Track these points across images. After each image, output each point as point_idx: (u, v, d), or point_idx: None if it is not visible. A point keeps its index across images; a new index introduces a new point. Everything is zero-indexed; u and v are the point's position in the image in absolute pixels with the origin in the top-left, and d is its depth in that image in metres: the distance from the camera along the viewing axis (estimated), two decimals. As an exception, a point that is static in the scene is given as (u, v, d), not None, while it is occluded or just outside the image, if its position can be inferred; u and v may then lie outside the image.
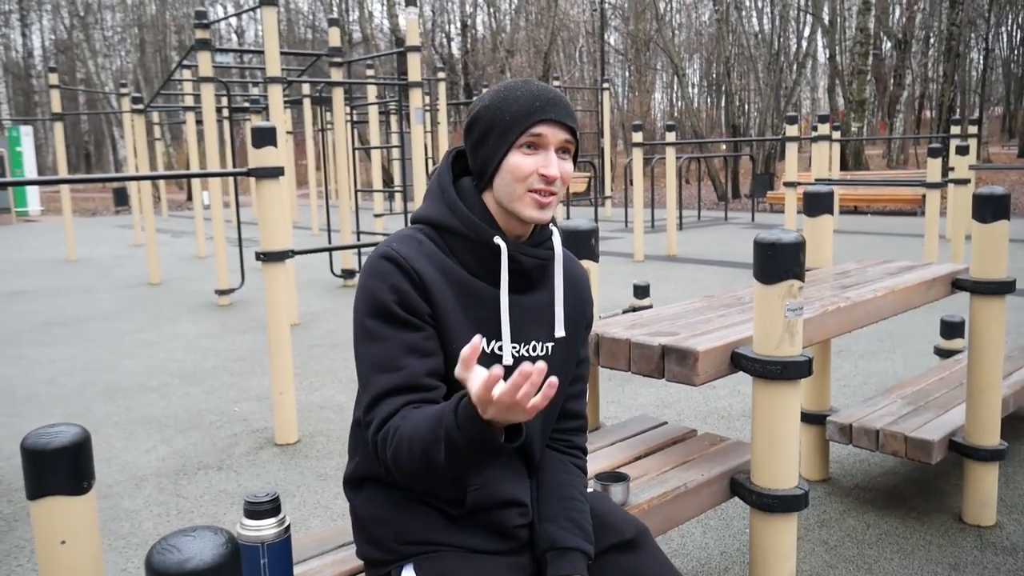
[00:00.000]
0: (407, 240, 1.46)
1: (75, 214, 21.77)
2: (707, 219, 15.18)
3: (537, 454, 1.59)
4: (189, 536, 1.11)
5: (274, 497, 1.39)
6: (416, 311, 1.40)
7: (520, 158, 1.43)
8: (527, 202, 1.43)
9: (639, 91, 33.02)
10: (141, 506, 3.51)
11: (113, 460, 4.02)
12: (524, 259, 1.47)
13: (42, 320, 7.56)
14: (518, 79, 1.49)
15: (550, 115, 1.42)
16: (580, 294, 1.62)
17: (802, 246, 1.99)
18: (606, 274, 9.05)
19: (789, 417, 2.03)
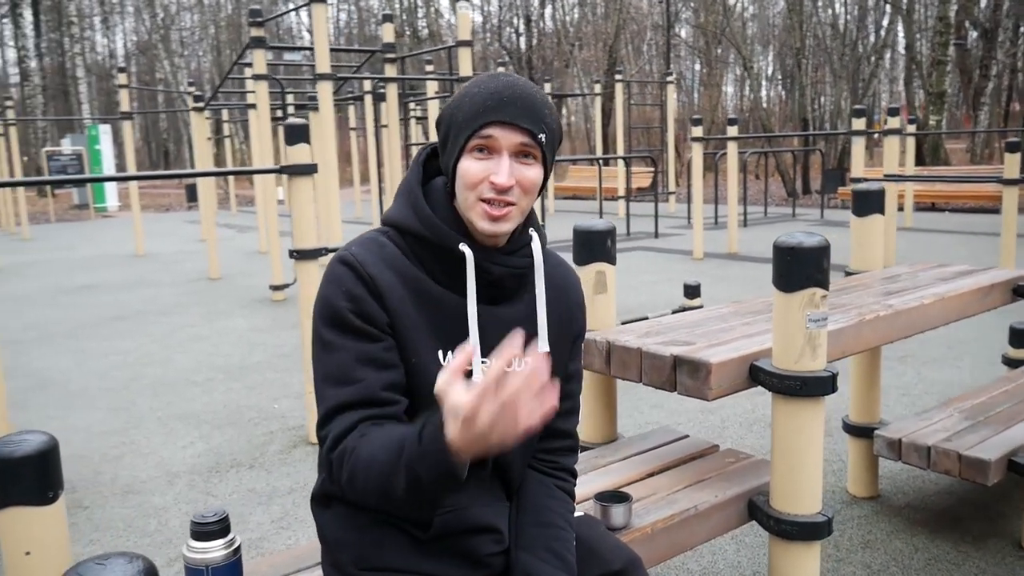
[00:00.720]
0: (368, 244, 1.36)
1: (150, 210, 22.52)
2: (774, 215, 14.75)
3: (517, 475, 1.47)
4: (100, 564, 1.04)
5: (222, 517, 1.31)
6: (372, 320, 1.30)
7: (470, 163, 1.30)
8: (478, 212, 1.31)
9: (708, 85, 32.39)
10: (171, 503, 3.51)
11: (150, 456, 4.05)
12: (494, 268, 1.35)
13: (105, 314, 7.75)
14: (488, 73, 1.37)
15: (501, 116, 1.28)
16: (568, 302, 1.49)
17: (825, 251, 1.82)
18: (661, 272, 8.85)
19: (811, 437, 1.87)
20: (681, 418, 4.28)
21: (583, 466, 2.16)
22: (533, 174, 1.32)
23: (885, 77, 28.00)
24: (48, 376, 5.59)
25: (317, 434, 1.34)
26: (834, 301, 2.52)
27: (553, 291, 1.46)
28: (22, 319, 7.65)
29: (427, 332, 1.34)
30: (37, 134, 28.81)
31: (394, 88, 8.46)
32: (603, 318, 2.31)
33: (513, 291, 1.41)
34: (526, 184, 1.31)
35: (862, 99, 22.06)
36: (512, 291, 1.41)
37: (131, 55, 40.85)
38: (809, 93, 22.60)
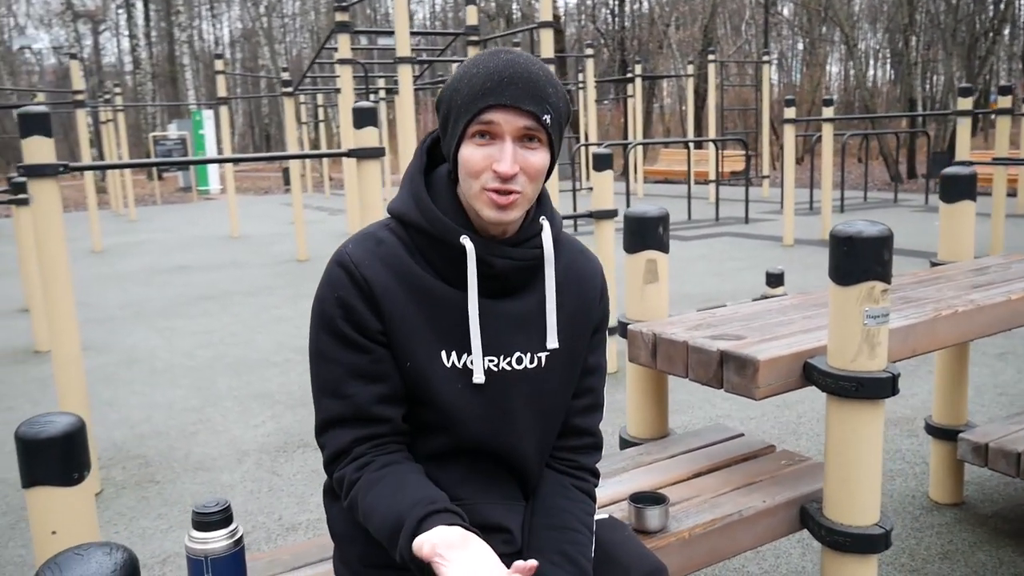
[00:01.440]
0: (365, 240, 1.30)
1: (250, 192, 23.28)
2: (874, 201, 14.10)
3: (533, 474, 1.40)
4: (78, 555, 1.02)
5: (224, 507, 1.29)
6: (364, 328, 1.26)
7: (472, 150, 1.22)
8: (484, 201, 1.23)
9: (810, 64, 31.19)
10: (237, 480, 3.59)
11: (223, 434, 4.16)
12: (498, 261, 1.27)
13: (196, 294, 8.02)
14: (488, 51, 1.27)
15: (502, 99, 1.19)
16: (585, 293, 1.40)
17: (887, 241, 1.67)
18: (749, 258, 8.56)
19: (868, 442, 1.73)
20: (754, 412, 4.11)
21: (625, 463, 2.07)
22: (539, 159, 1.23)
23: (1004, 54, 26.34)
24: (137, 353, 5.82)
25: (317, 439, 1.33)
26: (910, 294, 2.34)
27: (570, 282, 1.38)
28: (119, 297, 8.00)
29: (427, 332, 1.28)
30: (147, 119, 30.14)
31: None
32: (653, 309, 2.21)
33: (522, 284, 1.33)
34: (531, 171, 1.22)
35: (977, 78, 20.83)
36: (521, 284, 1.33)
37: (235, 42, 42.25)
38: (918, 72, 21.48)
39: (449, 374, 1.29)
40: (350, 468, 1.27)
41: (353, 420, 1.28)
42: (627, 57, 26.41)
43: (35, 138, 3.20)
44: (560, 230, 1.37)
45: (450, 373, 1.29)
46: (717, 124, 15.66)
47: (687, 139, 13.47)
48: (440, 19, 40.43)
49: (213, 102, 12.88)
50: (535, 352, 1.34)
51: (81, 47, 32.93)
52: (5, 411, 4.63)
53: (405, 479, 1.25)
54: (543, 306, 1.34)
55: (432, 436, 1.33)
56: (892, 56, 33.43)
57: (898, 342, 1.99)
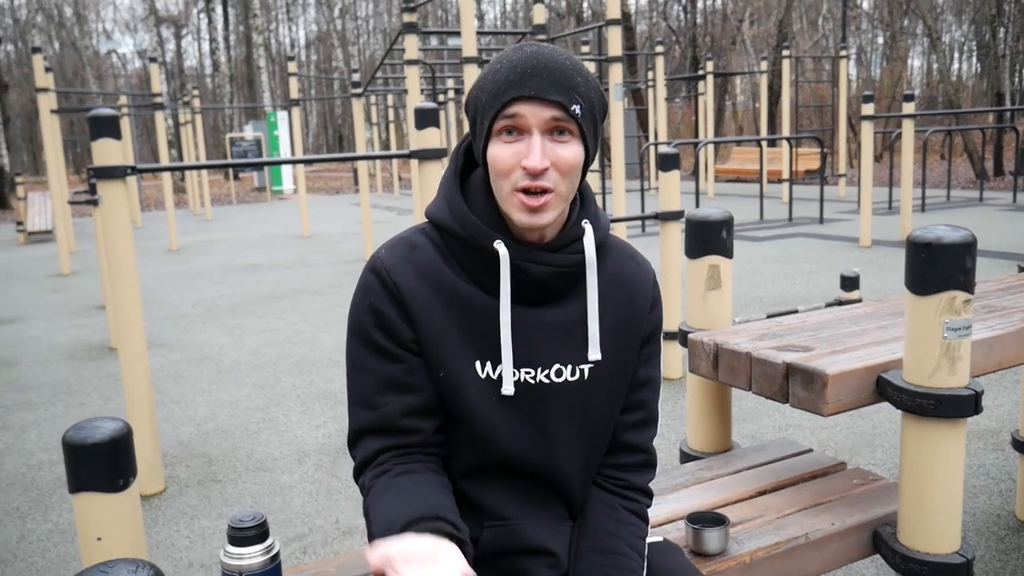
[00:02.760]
0: (399, 245, 1.25)
1: (322, 192, 23.71)
2: (958, 200, 13.52)
3: (577, 494, 1.32)
4: (103, 572, 0.99)
5: (260, 522, 1.25)
6: (396, 337, 1.21)
7: (499, 148, 1.15)
8: (514, 204, 1.16)
9: (891, 59, 30.19)
10: (296, 482, 3.60)
11: (285, 433, 4.18)
12: (535, 268, 1.20)
13: (265, 292, 8.16)
14: (513, 46, 1.20)
15: (525, 90, 1.12)
16: (634, 301, 1.30)
17: (970, 248, 1.54)
18: (822, 260, 8.29)
19: (948, 464, 1.60)
20: (825, 422, 3.94)
21: (685, 479, 1.97)
22: (570, 153, 1.15)
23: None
24: (207, 351, 5.93)
25: (348, 449, 1.29)
26: (995, 302, 2.19)
27: (616, 289, 1.29)
28: (192, 295, 8.19)
29: (461, 341, 1.22)
30: (225, 121, 30.97)
31: (544, 70, 8.34)
32: (716, 317, 2.10)
33: (563, 292, 1.25)
34: (563, 165, 1.14)
35: (1070, 70, 19.81)
36: (562, 292, 1.25)
37: (310, 44, 43.09)
38: (1006, 65, 20.54)
39: (482, 385, 1.23)
40: (370, 475, 1.23)
41: (381, 431, 1.23)
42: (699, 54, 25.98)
43: (104, 140, 3.26)
44: (606, 233, 1.29)
45: (483, 384, 1.23)
46: (791, 121, 15.25)
47: (759, 137, 13.14)
48: (511, 18, 40.48)
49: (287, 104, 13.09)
50: (577, 364, 1.26)
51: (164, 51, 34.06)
52: (78, 407, 4.77)
53: (415, 488, 1.18)
54: (585, 315, 1.26)
55: (470, 452, 1.26)
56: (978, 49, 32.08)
57: (981, 355, 1.85)
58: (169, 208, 12.37)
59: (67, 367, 5.64)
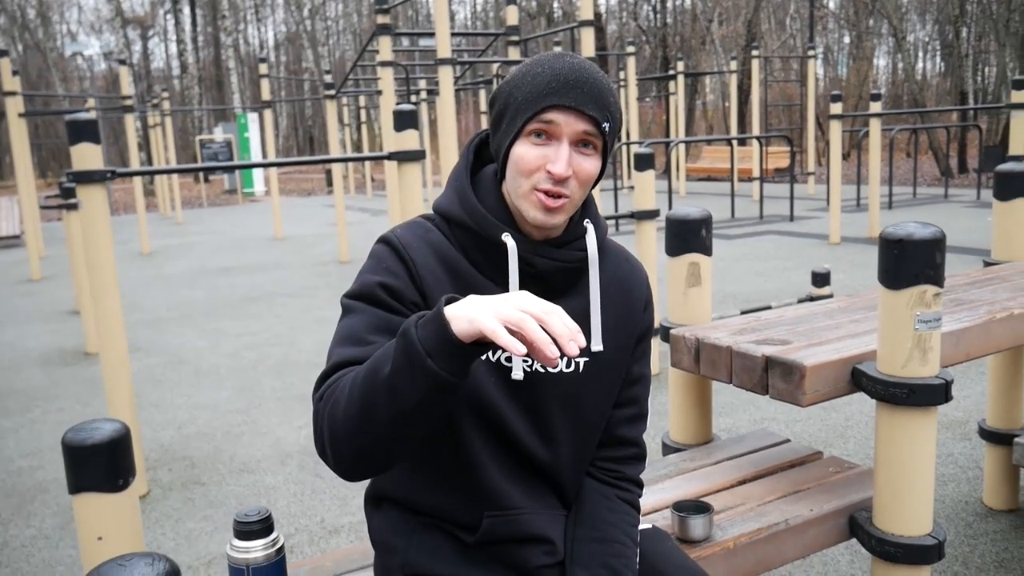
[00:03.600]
0: (414, 226, 1.30)
1: (294, 194, 23.57)
2: (924, 197, 13.78)
3: (569, 485, 1.38)
4: (121, 566, 1.03)
5: (265, 516, 1.29)
6: (400, 296, 1.23)
7: (526, 148, 1.21)
8: (532, 201, 1.22)
9: (857, 58, 30.62)
10: (281, 483, 3.62)
11: (267, 435, 4.20)
12: (541, 261, 1.26)
13: (241, 295, 8.14)
14: (551, 52, 1.26)
15: (565, 100, 1.18)
16: (630, 302, 1.37)
17: (939, 244, 1.62)
18: (793, 257, 8.43)
19: (920, 450, 1.68)
20: (799, 415, 4.03)
21: (668, 470, 2.04)
22: (591, 166, 1.22)
23: (1059, 44, 25.50)
24: (184, 354, 5.91)
25: (312, 394, 1.21)
26: (963, 296, 2.28)
27: (614, 289, 1.36)
28: (166, 299, 8.14)
29: None
30: (194, 123, 30.69)
31: (517, 71, 8.40)
32: (696, 313, 2.17)
33: (565, 287, 1.31)
34: (583, 176, 1.21)
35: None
36: (563, 287, 1.31)
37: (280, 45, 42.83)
38: (969, 64, 20.95)
39: (489, 367, 1.27)
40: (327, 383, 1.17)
41: (361, 359, 1.16)
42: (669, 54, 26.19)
43: (83, 144, 3.26)
44: (605, 235, 1.35)
45: (490, 366, 1.28)
46: (761, 121, 15.44)
47: (730, 136, 13.30)
48: (481, 19, 40.51)
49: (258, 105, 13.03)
50: (574, 357, 1.31)
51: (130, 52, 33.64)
52: (56, 412, 4.74)
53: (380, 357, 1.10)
54: (587, 310, 1.31)
55: (471, 439, 1.30)
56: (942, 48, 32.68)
57: (950, 346, 1.93)
58: (140, 211, 12.26)
59: (42, 373, 5.59)
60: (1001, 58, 20.67)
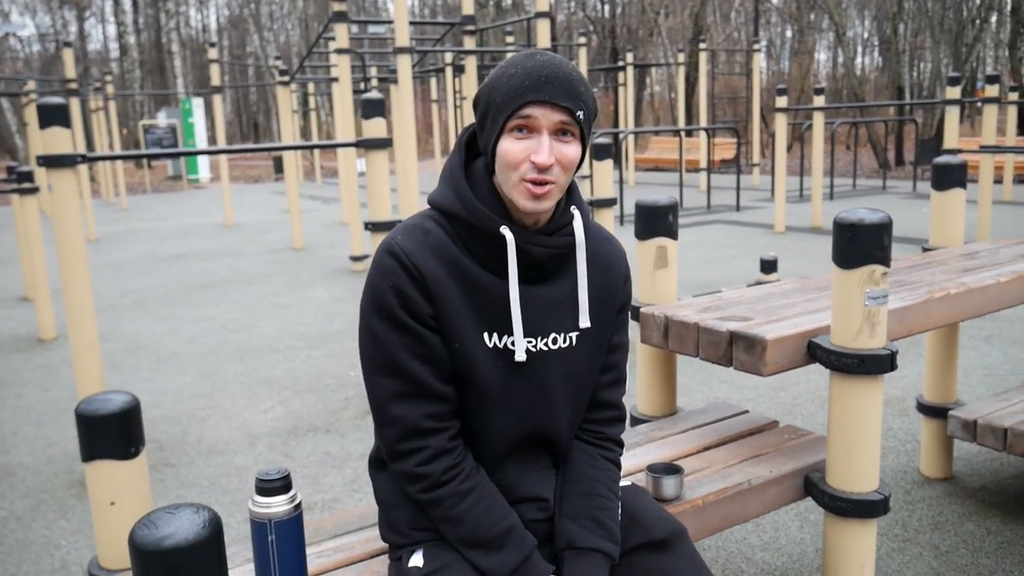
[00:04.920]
0: (413, 231, 1.39)
1: (240, 181, 23.26)
2: (863, 188, 14.28)
3: (564, 445, 1.52)
4: (169, 513, 1.13)
5: (285, 475, 1.40)
6: (418, 314, 1.36)
7: (510, 143, 1.33)
8: (521, 191, 1.34)
9: (800, 52, 31.32)
10: (251, 463, 3.69)
11: (233, 418, 4.26)
12: (535, 250, 1.39)
13: (194, 282, 8.10)
14: (524, 52, 1.39)
15: (540, 95, 1.30)
16: (610, 276, 1.51)
17: (887, 228, 1.80)
18: (740, 246, 8.70)
19: (868, 415, 1.86)
20: (751, 394, 4.25)
21: (639, 438, 2.19)
22: (572, 151, 1.34)
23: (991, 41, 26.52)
24: (141, 340, 5.90)
25: (375, 417, 1.41)
26: (904, 278, 2.47)
27: (597, 266, 1.49)
28: (118, 285, 8.06)
29: (471, 317, 1.38)
30: (135, 108, 29.99)
31: (473, 60, 8.49)
32: (663, 293, 2.33)
33: (555, 270, 1.44)
34: (565, 162, 1.34)
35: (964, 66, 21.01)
36: (554, 270, 1.44)
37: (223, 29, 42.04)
38: (906, 60, 21.64)
39: (491, 354, 1.40)
40: (438, 466, 1.37)
41: (417, 396, 1.37)
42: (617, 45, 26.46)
43: (54, 128, 3.28)
44: (589, 219, 1.48)
45: (492, 353, 1.40)
46: (708, 112, 15.78)
47: (678, 127, 13.59)
48: (429, 6, 40.32)
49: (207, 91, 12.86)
50: (568, 332, 1.45)
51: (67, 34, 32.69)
52: (14, 398, 4.72)
53: (491, 499, 1.41)
54: (575, 289, 1.45)
55: (474, 419, 1.43)
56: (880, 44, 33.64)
57: (895, 322, 2.12)
58: (86, 197, 12.04)
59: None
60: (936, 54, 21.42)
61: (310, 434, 4.00)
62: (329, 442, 3.88)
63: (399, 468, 1.39)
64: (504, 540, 1.37)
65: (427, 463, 1.37)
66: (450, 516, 1.38)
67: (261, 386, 4.74)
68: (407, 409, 1.37)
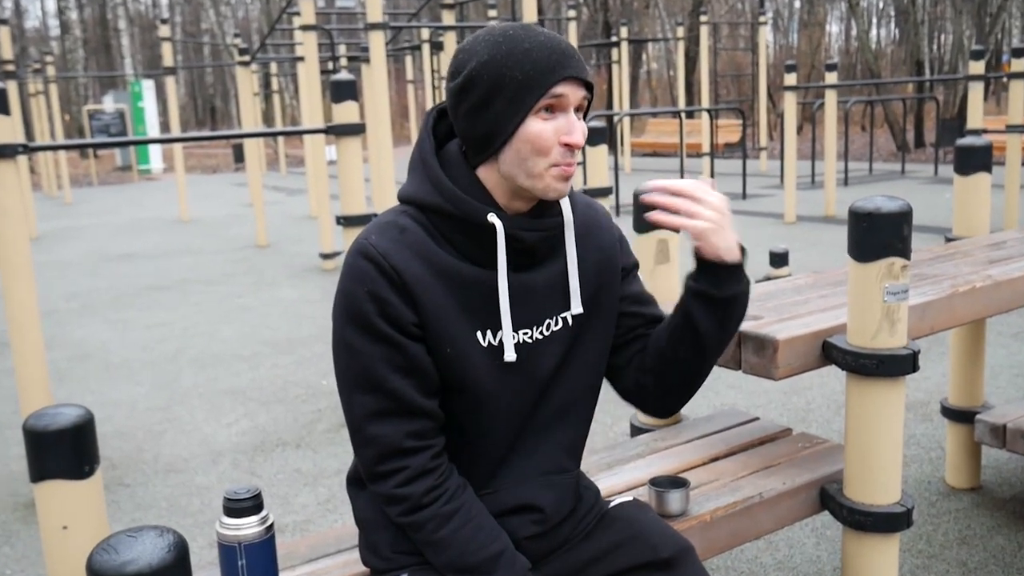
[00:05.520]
0: (387, 229, 1.38)
1: (197, 171, 23.18)
2: (880, 173, 14.39)
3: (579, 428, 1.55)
4: (131, 537, 1.14)
5: (255, 493, 1.41)
6: (398, 322, 1.35)
7: (540, 125, 1.32)
8: (552, 176, 1.35)
9: (809, 25, 31.52)
10: (214, 482, 3.70)
11: (193, 433, 4.25)
12: (527, 235, 1.40)
13: (147, 283, 8.08)
14: (512, 25, 1.38)
15: (571, 71, 1.32)
16: (602, 242, 1.53)
17: (907, 216, 1.82)
18: (748, 237, 8.70)
19: (889, 420, 1.88)
20: (761, 399, 4.28)
21: (641, 449, 2.21)
22: (585, 128, 1.37)
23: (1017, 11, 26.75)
24: (89, 348, 5.88)
25: (351, 437, 1.41)
26: (926, 271, 2.50)
27: (587, 237, 1.51)
28: (63, 288, 8.03)
29: (461, 316, 1.39)
30: (79, 91, 29.83)
31: (452, 37, 8.50)
32: (665, 290, 2.35)
33: (546, 253, 1.46)
34: (583, 140, 1.36)
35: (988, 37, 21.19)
36: (545, 253, 1.46)
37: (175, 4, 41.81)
38: (925, 32, 21.82)
39: (485, 352, 1.41)
40: (419, 487, 1.37)
41: (397, 413, 1.37)
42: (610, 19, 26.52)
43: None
44: (572, 192, 1.51)
45: (486, 351, 1.41)
46: (710, 92, 15.85)
47: (678, 108, 13.65)
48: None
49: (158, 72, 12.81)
50: (561, 312, 1.48)
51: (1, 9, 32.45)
52: (-49, 413, 4.70)
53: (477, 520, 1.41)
54: (565, 271, 1.47)
55: (467, 424, 1.44)
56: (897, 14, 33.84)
57: (915, 319, 2.15)
58: (26, 190, 11.95)
59: (-71, 371, 5.50)
60: (958, 26, 21.57)
61: (279, 449, 4.00)
62: (300, 458, 3.88)
63: (377, 490, 1.40)
64: (493, 565, 1.38)
65: (406, 484, 1.37)
66: (433, 540, 1.38)
67: (224, 397, 4.74)
68: (387, 428, 1.36)
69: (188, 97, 42.53)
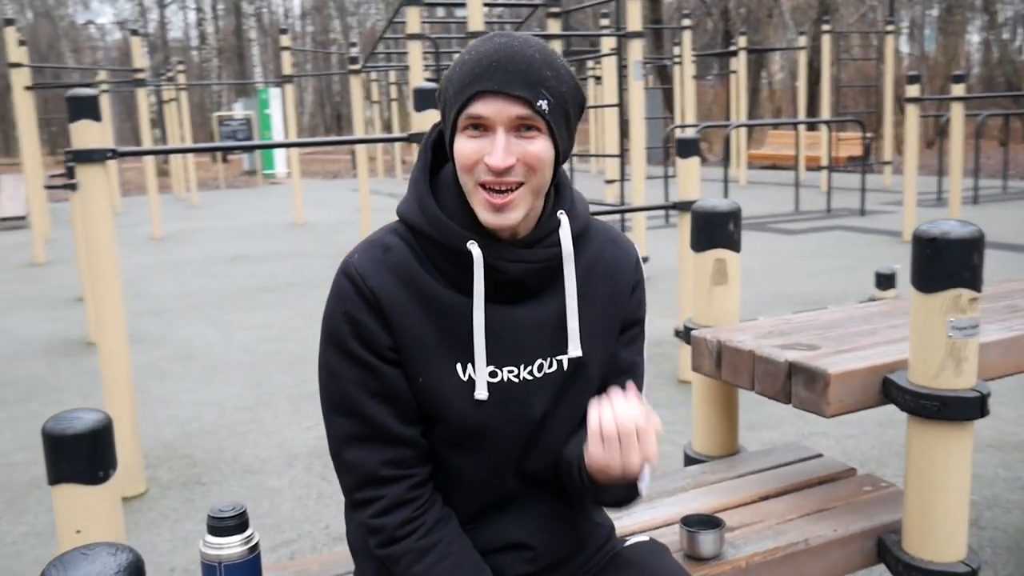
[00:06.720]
0: (372, 248, 1.32)
1: (319, 176, 23.88)
2: (1016, 191, 13.53)
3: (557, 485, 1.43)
4: (84, 554, 1.11)
5: (240, 512, 1.37)
6: (373, 345, 1.29)
7: (464, 142, 1.24)
8: (479, 202, 1.25)
9: (946, 34, 30.06)
10: (285, 486, 3.73)
11: (274, 435, 4.31)
12: (510, 266, 1.29)
13: (255, 285, 8.31)
14: (487, 34, 1.28)
15: (490, 85, 1.19)
16: (615, 287, 1.40)
17: (977, 243, 1.64)
18: (861, 255, 8.35)
19: (953, 469, 1.70)
20: (852, 430, 4.03)
21: (686, 482, 2.08)
22: (537, 148, 1.23)
23: None
24: (192, 347, 6.07)
25: (333, 463, 1.36)
26: (1019, 303, 2.28)
27: (597, 275, 1.39)
28: (177, 287, 8.35)
29: (439, 346, 1.31)
30: (212, 98, 31.24)
31: (558, 46, 8.43)
32: (721, 313, 2.21)
33: (542, 286, 1.35)
34: (530, 160, 1.22)
35: None
36: (541, 286, 1.34)
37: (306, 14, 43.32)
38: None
39: (464, 387, 1.32)
40: (394, 518, 1.30)
41: (373, 439, 1.31)
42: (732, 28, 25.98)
43: (83, 122, 3.39)
44: (585, 220, 1.37)
45: (465, 386, 1.32)
46: (832, 103, 15.27)
47: (795, 120, 13.19)
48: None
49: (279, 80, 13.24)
50: (556, 356, 1.36)
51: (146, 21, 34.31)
52: (54, 404, 4.91)
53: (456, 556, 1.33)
54: (563, 309, 1.34)
55: (447, 459, 1.36)
56: (1045, 23, 31.91)
57: (998, 356, 1.95)
58: (152, 193, 12.54)
59: (42, 363, 5.79)
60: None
61: (352, 456, 4.00)
62: (371, 466, 3.87)
63: (357, 519, 1.35)
64: None
65: (381, 515, 1.31)
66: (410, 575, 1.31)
67: (308, 401, 4.80)
68: (363, 454, 1.31)
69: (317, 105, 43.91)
